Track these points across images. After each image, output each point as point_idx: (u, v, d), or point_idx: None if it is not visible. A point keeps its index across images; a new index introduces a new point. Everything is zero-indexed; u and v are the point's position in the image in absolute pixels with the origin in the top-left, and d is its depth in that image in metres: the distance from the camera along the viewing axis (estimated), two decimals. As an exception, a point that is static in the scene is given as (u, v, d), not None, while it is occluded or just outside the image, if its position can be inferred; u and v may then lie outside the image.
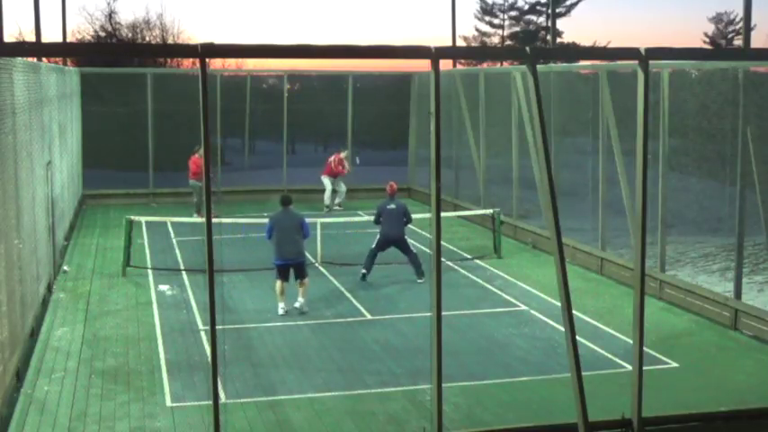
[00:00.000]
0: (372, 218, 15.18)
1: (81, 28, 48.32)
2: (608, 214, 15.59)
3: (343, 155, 23.21)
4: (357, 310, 13.12)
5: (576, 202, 16.67)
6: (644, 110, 7.65)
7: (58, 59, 20.98)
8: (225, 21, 66.71)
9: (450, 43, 23.32)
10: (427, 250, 16.26)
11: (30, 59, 13.26)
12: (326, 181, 22.91)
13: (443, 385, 7.72)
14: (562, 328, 9.00)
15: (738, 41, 52.96)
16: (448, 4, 23.66)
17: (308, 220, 13.32)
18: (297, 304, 12.75)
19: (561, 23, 50.48)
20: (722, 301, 12.32)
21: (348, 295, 13.95)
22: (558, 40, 47.27)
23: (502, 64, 28.02)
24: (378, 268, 14.78)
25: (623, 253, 15.13)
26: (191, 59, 34.82)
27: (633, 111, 7.89)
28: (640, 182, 7.76)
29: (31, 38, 30.14)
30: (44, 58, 16.58)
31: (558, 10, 48.08)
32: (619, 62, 14.48)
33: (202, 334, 11.76)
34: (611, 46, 37.08)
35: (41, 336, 11.71)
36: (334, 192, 22.93)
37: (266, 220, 13.37)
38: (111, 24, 45.55)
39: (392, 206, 14.73)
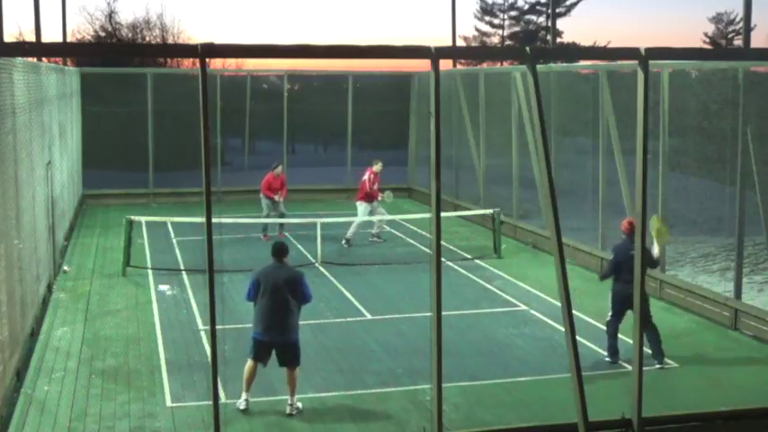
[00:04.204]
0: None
1: (81, 28, 48.46)
2: (608, 214, 15.58)
3: (376, 168, 18.04)
4: (357, 310, 13.11)
5: (576, 202, 16.65)
6: (644, 110, 7.64)
7: (58, 59, 20.98)
8: (225, 21, 66.74)
9: (450, 43, 23.32)
10: (427, 250, 16.26)
11: (30, 59, 13.25)
12: (362, 208, 17.83)
13: (443, 385, 7.71)
14: (562, 328, 8.99)
15: (738, 41, 52.94)
16: (448, 4, 23.68)
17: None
18: (288, 410, 8.99)
19: (561, 23, 50.58)
20: (722, 301, 12.33)
21: (348, 295, 13.94)
22: (558, 40, 47.25)
23: (502, 64, 28.03)
24: (378, 268, 14.76)
25: (623, 253, 15.10)
26: (191, 59, 34.84)
27: (633, 111, 7.88)
28: (640, 182, 7.76)
29: (31, 38, 30.12)
30: (44, 58, 16.57)
31: (558, 10, 48.06)
32: (619, 62, 14.48)
33: (202, 334, 11.76)
34: (611, 46, 37.13)
35: (41, 336, 11.70)
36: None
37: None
38: (111, 24, 45.61)
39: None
